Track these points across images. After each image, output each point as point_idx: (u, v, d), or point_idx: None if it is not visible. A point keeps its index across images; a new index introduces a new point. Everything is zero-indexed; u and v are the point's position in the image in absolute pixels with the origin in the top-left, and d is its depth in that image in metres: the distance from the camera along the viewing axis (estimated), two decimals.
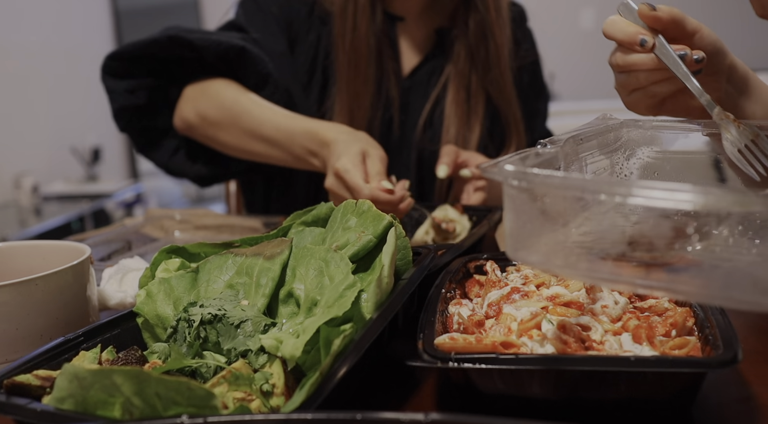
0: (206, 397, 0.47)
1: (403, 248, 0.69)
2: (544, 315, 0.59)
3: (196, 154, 1.32)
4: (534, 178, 0.48)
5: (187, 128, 1.27)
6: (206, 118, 1.22)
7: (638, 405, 0.54)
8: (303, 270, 0.67)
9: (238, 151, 1.23)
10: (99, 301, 0.83)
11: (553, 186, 0.47)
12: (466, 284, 0.74)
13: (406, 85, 1.35)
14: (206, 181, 1.36)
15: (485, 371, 0.53)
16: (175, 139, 1.32)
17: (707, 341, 0.55)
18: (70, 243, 0.80)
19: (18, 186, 3.73)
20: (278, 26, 1.29)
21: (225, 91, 1.22)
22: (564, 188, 0.47)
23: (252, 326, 0.62)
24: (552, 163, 0.59)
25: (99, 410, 0.48)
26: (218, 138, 1.23)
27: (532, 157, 0.57)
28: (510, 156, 0.55)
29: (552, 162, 0.59)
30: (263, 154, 1.20)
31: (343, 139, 1.04)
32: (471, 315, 0.65)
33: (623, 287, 0.46)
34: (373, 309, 0.60)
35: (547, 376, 0.53)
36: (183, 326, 0.62)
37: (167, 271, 0.71)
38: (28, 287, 0.67)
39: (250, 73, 1.23)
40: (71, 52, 4.37)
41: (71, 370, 0.47)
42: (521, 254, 0.50)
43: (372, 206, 0.69)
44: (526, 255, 0.50)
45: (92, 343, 0.63)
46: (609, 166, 0.70)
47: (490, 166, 0.50)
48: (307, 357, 0.57)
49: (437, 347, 0.56)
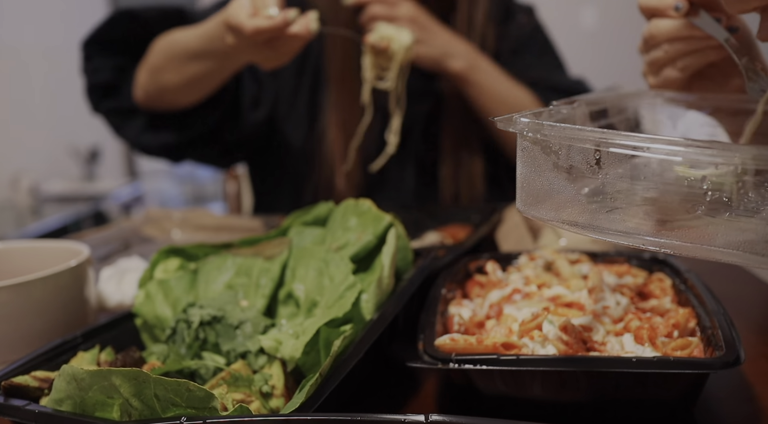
0: (205, 398, 0.47)
1: (404, 248, 0.69)
2: (546, 316, 0.59)
3: (163, 125, 1.31)
4: (549, 130, 0.47)
5: (144, 95, 1.25)
6: (151, 69, 1.20)
7: (640, 406, 0.54)
8: (303, 271, 0.66)
9: (184, 84, 1.19)
10: (97, 301, 0.83)
11: (568, 138, 0.46)
12: (466, 284, 0.74)
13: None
14: (177, 153, 1.35)
15: (486, 372, 0.53)
16: (143, 116, 1.31)
17: (709, 342, 0.54)
18: (69, 243, 0.80)
19: (15, 186, 3.72)
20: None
21: (160, 40, 1.21)
22: (579, 141, 0.46)
23: (251, 326, 0.61)
24: (565, 122, 0.58)
25: (97, 411, 0.47)
26: (164, 82, 1.20)
27: (545, 115, 0.56)
28: (523, 113, 0.54)
29: (565, 122, 0.58)
30: (203, 73, 1.15)
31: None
32: (472, 316, 0.65)
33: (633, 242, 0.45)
34: (374, 310, 0.60)
35: (549, 377, 0.52)
36: (182, 326, 0.62)
37: (166, 271, 0.71)
38: (26, 287, 0.66)
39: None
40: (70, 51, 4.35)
41: (70, 371, 0.47)
42: (532, 209, 0.49)
43: (372, 206, 0.69)
44: (536, 210, 0.49)
45: (91, 344, 0.63)
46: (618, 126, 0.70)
47: (506, 118, 0.50)
48: (306, 358, 0.57)
49: (438, 348, 0.56)
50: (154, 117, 1.30)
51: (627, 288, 0.67)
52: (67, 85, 4.31)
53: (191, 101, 1.24)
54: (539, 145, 0.48)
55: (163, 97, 1.24)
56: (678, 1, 0.70)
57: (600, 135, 0.45)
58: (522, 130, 0.48)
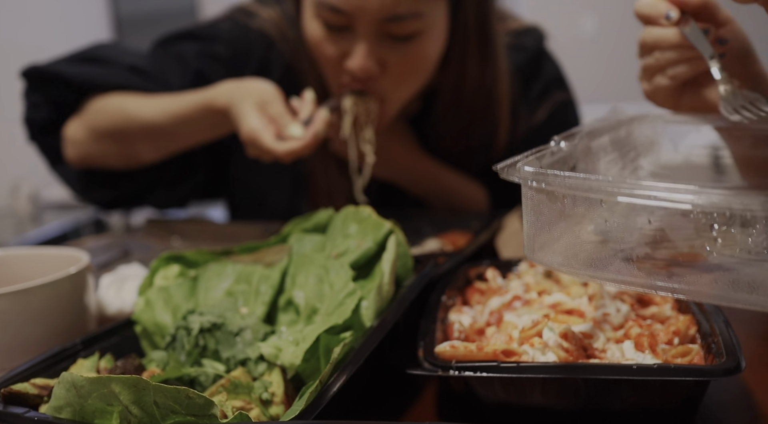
0: (205, 405, 0.47)
1: (404, 255, 0.69)
2: (546, 323, 0.59)
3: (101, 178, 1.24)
4: (554, 179, 0.47)
5: (81, 156, 1.19)
6: (96, 135, 1.14)
7: (641, 414, 0.54)
8: (303, 277, 0.66)
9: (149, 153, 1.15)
10: (97, 309, 0.83)
11: (573, 188, 0.46)
12: (467, 291, 0.74)
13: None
14: (112, 204, 1.30)
15: (486, 379, 0.53)
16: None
17: (710, 349, 0.54)
18: (68, 251, 0.80)
19: (16, 193, 3.72)
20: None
21: (103, 103, 1.14)
22: (584, 190, 0.46)
23: (251, 333, 0.61)
24: (566, 161, 0.58)
25: (97, 418, 0.47)
26: (116, 150, 1.15)
27: (548, 156, 0.56)
28: (526, 155, 0.54)
29: (566, 160, 0.58)
30: (169, 144, 1.13)
31: (236, 100, 0.97)
32: (472, 323, 0.65)
33: (642, 290, 0.45)
34: (374, 317, 0.60)
35: (549, 384, 0.52)
36: (182, 334, 0.62)
37: (166, 278, 0.71)
38: (25, 295, 0.66)
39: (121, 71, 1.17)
40: None
41: (69, 378, 0.47)
42: (539, 255, 0.49)
43: (372, 213, 0.69)
44: (544, 256, 0.49)
45: (90, 351, 0.62)
46: (619, 158, 0.70)
47: (509, 167, 0.50)
48: (306, 365, 0.57)
49: (438, 355, 0.55)
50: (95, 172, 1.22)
51: (627, 295, 0.67)
52: None
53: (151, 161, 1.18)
54: (544, 194, 0.48)
55: (107, 161, 1.18)
56: (670, 9, 0.71)
57: (606, 185, 0.45)
58: (526, 180, 0.48)
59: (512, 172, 0.49)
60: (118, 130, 1.12)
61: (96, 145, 1.15)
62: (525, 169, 0.48)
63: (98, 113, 1.14)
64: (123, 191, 1.24)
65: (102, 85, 1.15)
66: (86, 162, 1.19)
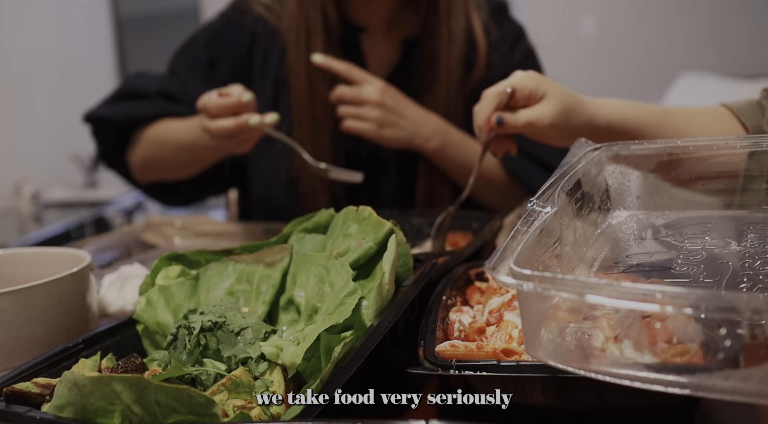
0: (206, 404, 0.47)
1: (404, 255, 0.69)
2: None
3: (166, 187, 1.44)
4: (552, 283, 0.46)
5: (144, 177, 1.40)
6: (147, 160, 1.35)
7: (640, 413, 0.54)
8: (303, 277, 0.67)
9: (179, 168, 1.34)
10: (99, 308, 0.83)
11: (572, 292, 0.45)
12: (467, 291, 0.74)
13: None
14: (181, 204, 1.51)
15: (486, 378, 0.53)
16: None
17: (708, 349, 0.55)
18: (70, 250, 0.80)
19: (18, 193, 3.73)
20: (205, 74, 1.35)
21: (150, 131, 1.33)
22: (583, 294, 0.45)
23: (252, 333, 0.61)
24: (552, 229, 0.58)
25: (99, 417, 0.47)
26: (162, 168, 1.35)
27: (528, 217, 0.56)
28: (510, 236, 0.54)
29: (552, 228, 0.58)
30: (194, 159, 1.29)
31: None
32: (472, 322, 0.65)
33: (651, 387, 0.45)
34: (374, 316, 0.60)
35: (549, 383, 0.52)
36: (183, 333, 0.62)
37: (167, 278, 0.71)
38: (27, 294, 0.67)
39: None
40: (72, 59, 4.38)
41: (71, 377, 0.47)
42: (540, 353, 0.49)
43: (373, 213, 0.69)
44: (543, 353, 0.49)
45: (92, 350, 0.63)
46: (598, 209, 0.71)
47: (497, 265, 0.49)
48: (307, 365, 0.57)
49: (438, 355, 0.56)
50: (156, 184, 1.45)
51: None
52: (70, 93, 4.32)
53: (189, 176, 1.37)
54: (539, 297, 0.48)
55: (160, 176, 1.38)
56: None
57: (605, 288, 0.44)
58: (521, 286, 0.47)
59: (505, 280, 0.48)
60: (164, 155, 1.31)
61: (152, 168, 1.36)
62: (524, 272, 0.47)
63: (145, 144, 1.33)
64: (185, 194, 1.46)
65: (140, 118, 1.33)
66: (150, 180, 1.40)
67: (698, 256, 0.61)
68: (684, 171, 0.72)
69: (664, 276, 0.58)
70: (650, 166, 0.73)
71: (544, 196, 0.60)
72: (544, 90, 0.88)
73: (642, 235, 0.69)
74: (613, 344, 0.51)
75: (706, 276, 0.57)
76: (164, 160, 1.32)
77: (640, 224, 0.71)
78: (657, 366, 0.47)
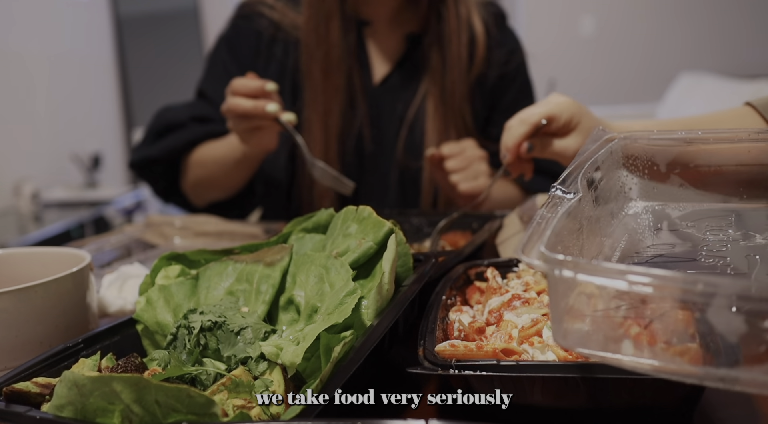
0: (206, 404, 0.47)
1: (404, 254, 0.69)
2: (546, 322, 0.59)
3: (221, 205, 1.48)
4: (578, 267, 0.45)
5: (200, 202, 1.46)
6: (196, 184, 1.40)
7: (640, 413, 0.54)
8: (303, 277, 0.67)
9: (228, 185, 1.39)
10: (99, 308, 0.83)
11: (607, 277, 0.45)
12: (466, 290, 0.74)
13: (378, 92, 1.34)
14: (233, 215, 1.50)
15: (486, 378, 0.53)
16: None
17: (708, 348, 0.55)
18: (70, 250, 0.80)
19: (18, 193, 3.73)
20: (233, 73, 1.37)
21: (193, 159, 1.38)
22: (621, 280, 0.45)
23: (252, 333, 0.61)
24: (576, 215, 0.57)
25: (98, 417, 0.47)
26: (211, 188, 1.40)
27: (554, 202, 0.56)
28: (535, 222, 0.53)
29: (576, 214, 0.57)
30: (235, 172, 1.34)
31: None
32: (472, 322, 0.65)
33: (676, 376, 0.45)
34: (374, 316, 0.60)
35: (548, 383, 0.52)
36: (183, 333, 0.62)
37: (167, 278, 0.71)
38: (27, 294, 0.67)
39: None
40: (72, 58, 4.38)
41: (71, 377, 0.47)
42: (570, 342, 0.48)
43: (372, 213, 0.69)
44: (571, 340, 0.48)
45: (92, 350, 0.63)
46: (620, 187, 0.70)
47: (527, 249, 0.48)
48: (307, 364, 0.57)
49: (438, 354, 0.56)
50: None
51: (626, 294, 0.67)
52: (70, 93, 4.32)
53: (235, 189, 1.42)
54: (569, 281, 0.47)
55: (211, 197, 1.43)
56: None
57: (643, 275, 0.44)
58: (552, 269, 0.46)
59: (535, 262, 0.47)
60: (208, 175, 1.36)
61: (201, 190, 1.41)
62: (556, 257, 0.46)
63: (191, 170, 1.39)
64: (236, 208, 1.49)
65: (182, 147, 1.37)
66: (206, 202, 1.45)
67: (723, 248, 0.60)
68: (703, 162, 0.71)
69: (689, 268, 0.57)
70: (668, 156, 0.72)
71: (566, 182, 0.60)
72: (578, 121, 0.89)
73: (659, 226, 0.68)
74: (644, 332, 0.50)
75: (734, 269, 0.56)
76: (209, 179, 1.36)
77: (656, 215, 0.70)
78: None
